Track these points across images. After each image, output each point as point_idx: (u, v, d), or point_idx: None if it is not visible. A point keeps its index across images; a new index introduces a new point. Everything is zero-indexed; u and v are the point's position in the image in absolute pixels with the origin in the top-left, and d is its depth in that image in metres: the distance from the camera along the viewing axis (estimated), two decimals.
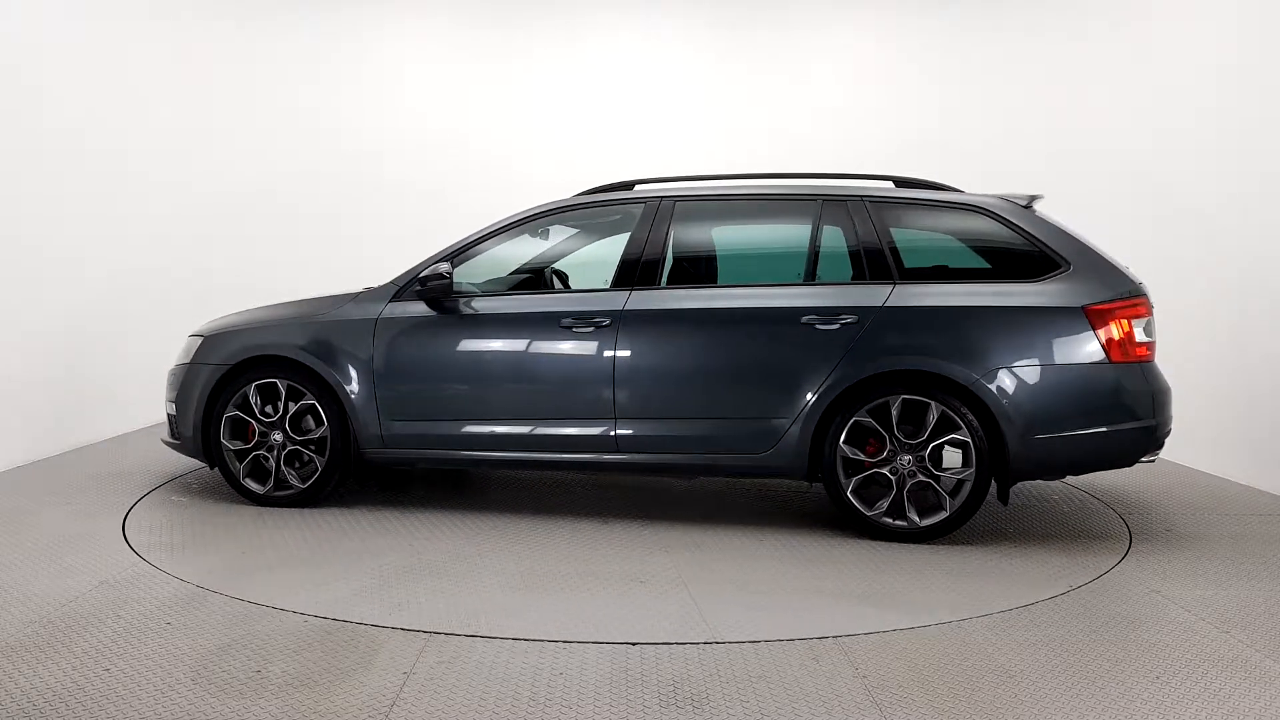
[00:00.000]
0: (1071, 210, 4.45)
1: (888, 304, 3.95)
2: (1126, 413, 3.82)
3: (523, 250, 4.68)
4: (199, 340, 4.65)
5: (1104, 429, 3.81)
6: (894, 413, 3.88)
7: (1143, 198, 6.23)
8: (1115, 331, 3.80)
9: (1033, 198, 4.14)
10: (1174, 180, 5.95)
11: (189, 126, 7.07)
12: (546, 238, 4.63)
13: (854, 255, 4.09)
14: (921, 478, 3.89)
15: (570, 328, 4.16)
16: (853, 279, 4.08)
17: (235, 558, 3.71)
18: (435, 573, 3.57)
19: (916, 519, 3.90)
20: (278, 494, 4.45)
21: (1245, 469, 5.13)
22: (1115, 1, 6.80)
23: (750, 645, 2.89)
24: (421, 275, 4.29)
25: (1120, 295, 3.85)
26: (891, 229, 4.11)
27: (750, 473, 4.25)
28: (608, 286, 4.25)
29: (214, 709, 2.45)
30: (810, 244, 4.16)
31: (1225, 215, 5.51)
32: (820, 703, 2.52)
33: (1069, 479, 4.87)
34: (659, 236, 4.25)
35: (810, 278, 4.14)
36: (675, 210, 4.30)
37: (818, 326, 3.97)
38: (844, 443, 3.94)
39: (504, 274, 4.77)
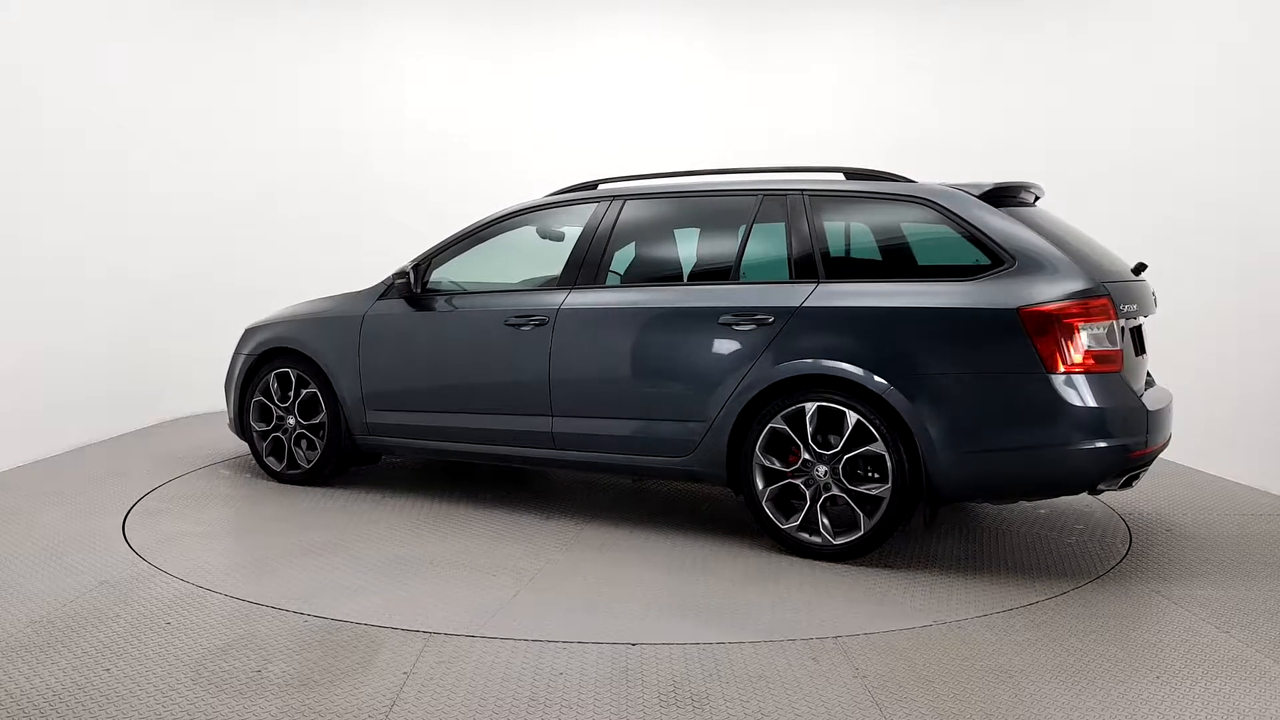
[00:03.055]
0: (1072, 210, 4.44)
1: (806, 304, 3.71)
2: (1071, 431, 3.35)
3: (514, 249, 4.71)
4: (243, 332, 5.19)
5: (1039, 448, 3.40)
6: (809, 420, 3.63)
7: (1143, 197, 6.23)
8: (1056, 337, 3.34)
9: (1005, 186, 3.79)
10: (1174, 180, 5.95)
11: (187, 126, 7.07)
12: (561, 240, 4.63)
13: (785, 252, 3.89)
14: (837, 491, 3.62)
15: (515, 325, 4.23)
16: (779, 277, 3.87)
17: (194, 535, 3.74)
18: (311, 553, 3.79)
19: (830, 536, 3.64)
20: (289, 472, 4.89)
21: (1245, 469, 5.13)
22: (1115, 1, 6.79)
23: (750, 645, 2.89)
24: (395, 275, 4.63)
25: (1066, 296, 3.39)
26: (826, 224, 3.89)
27: (674, 476, 4.09)
28: (554, 284, 4.30)
29: (214, 709, 2.45)
30: (740, 240, 4.00)
31: (1225, 215, 5.51)
32: (820, 703, 2.52)
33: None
34: (604, 235, 4.25)
35: (737, 276, 3.97)
36: (624, 209, 4.28)
37: (735, 328, 3.79)
38: (764, 450, 3.71)
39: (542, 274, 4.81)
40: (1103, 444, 3.37)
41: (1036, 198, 4.08)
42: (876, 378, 3.52)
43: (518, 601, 3.27)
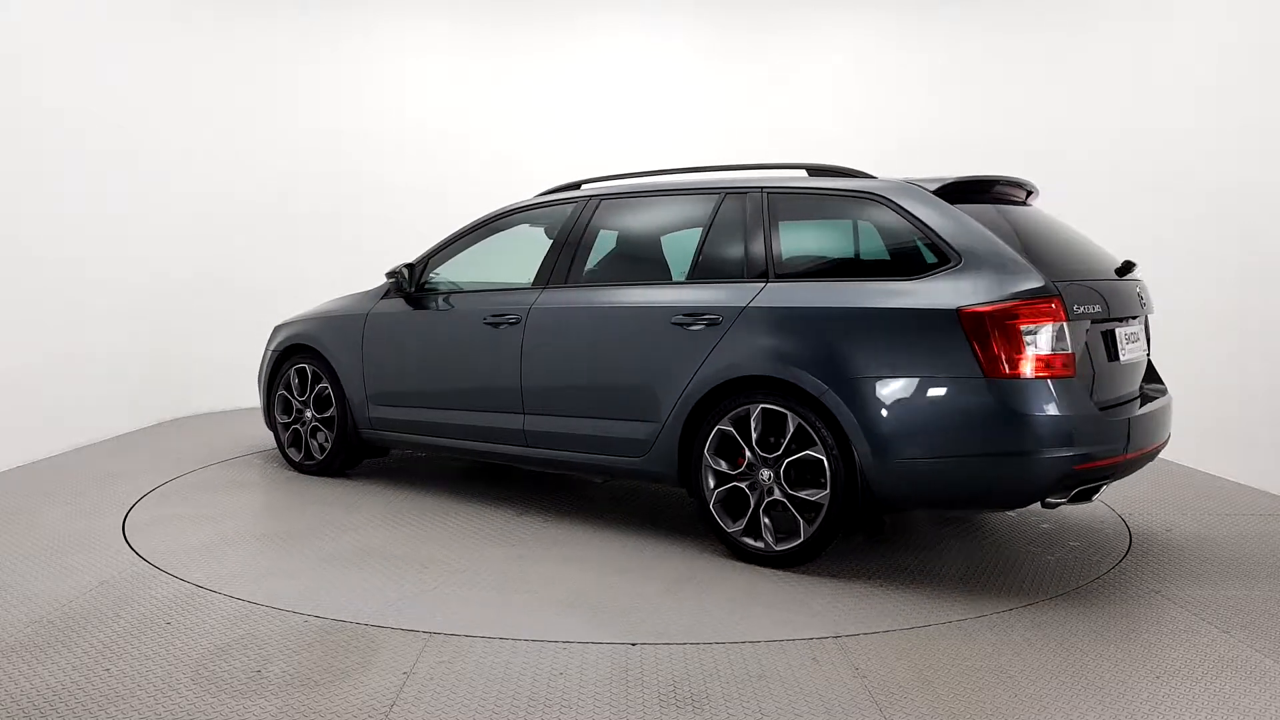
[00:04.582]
0: (1073, 210, 4.43)
1: (753, 304, 3.62)
2: (1008, 440, 3.16)
3: (512, 248, 4.77)
4: (272, 329, 5.44)
5: (975, 458, 3.21)
6: (753, 423, 3.54)
7: (1143, 197, 6.23)
8: (995, 340, 3.14)
9: (965, 181, 3.61)
10: (1174, 179, 5.95)
11: (187, 127, 7.07)
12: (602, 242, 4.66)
13: (740, 251, 3.81)
14: (779, 496, 3.52)
15: (493, 324, 4.31)
16: (732, 276, 3.78)
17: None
18: (263, 539, 4.01)
19: (771, 541, 3.55)
20: (306, 463, 5.14)
21: (1245, 469, 5.13)
22: (1116, 1, 6.79)
23: (750, 645, 2.89)
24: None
25: (1010, 296, 3.18)
26: (782, 222, 3.77)
27: (633, 476, 4.05)
28: (529, 284, 4.34)
29: (214, 709, 2.45)
30: (700, 239, 3.93)
31: (1226, 215, 5.51)
32: (820, 703, 2.51)
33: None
34: (577, 235, 4.28)
35: (693, 275, 3.90)
36: (597, 209, 4.30)
37: (686, 328, 3.74)
38: (714, 452, 3.65)
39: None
40: (1045, 455, 3.14)
41: (1029, 193, 3.95)
42: (814, 380, 3.41)
43: (424, 595, 3.32)
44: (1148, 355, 3.96)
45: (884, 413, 3.30)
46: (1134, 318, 3.71)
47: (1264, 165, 5.19)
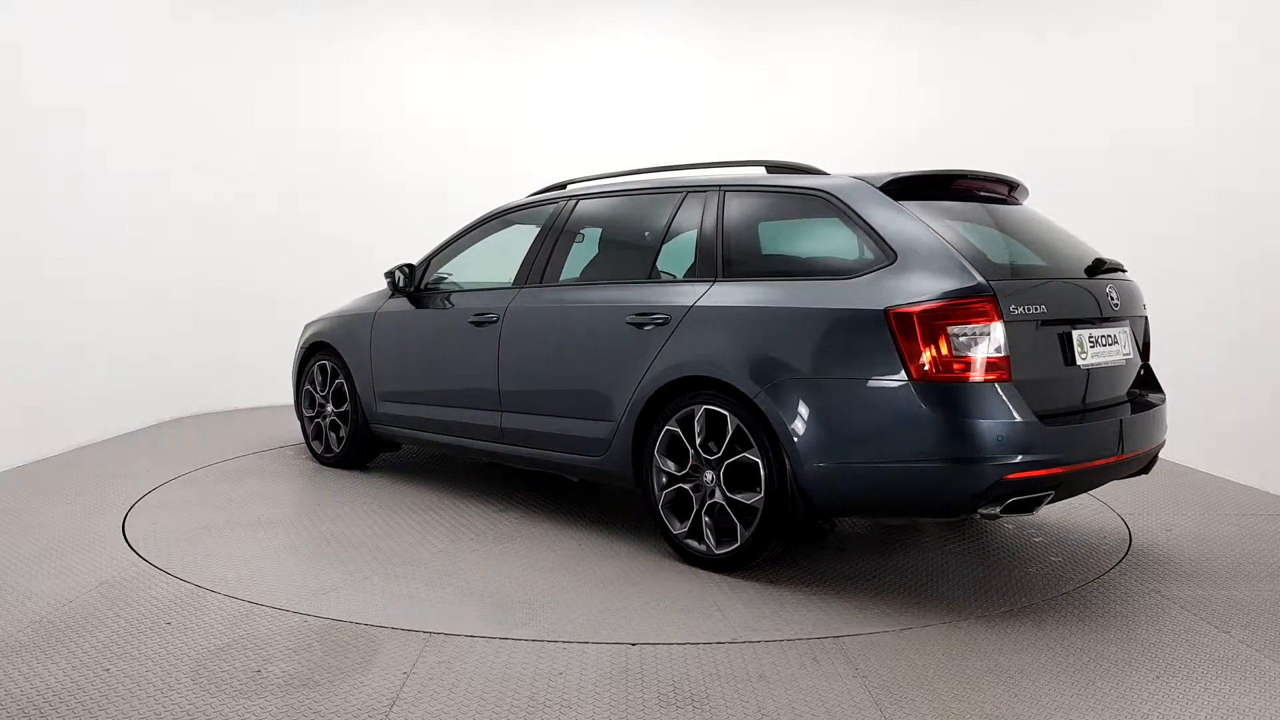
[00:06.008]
0: (1070, 209, 4.43)
1: (698, 304, 3.58)
2: (929, 446, 2.99)
3: (498, 249, 4.82)
4: (303, 327, 5.67)
5: (899, 464, 3.06)
6: (697, 424, 3.50)
7: (1142, 196, 6.23)
8: (921, 341, 3.00)
9: (916, 175, 3.47)
10: (1174, 179, 5.95)
11: (186, 127, 7.07)
12: (581, 240, 4.68)
13: (694, 250, 3.77)
14: (719, 498, 3.46)
15: (476, 324, 4.42)
16: (687, 275, 3.76)
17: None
18: (251, 529, 4.13)
19: (713, 545, 3.50)
20: (326, 456, 5.35)
21: (1245, 469, 5.13)
22: (1116, 1, 6.79)
23: (750, 645, 2.89)
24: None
25: (938, 296, 3.03)
26: (735, 220, 3.72)
27: (594, 476, 4.04)
28: (509, 284, 4.43)
29: (214, 709, 2.45)
30: (660, 238, 3.95)
31: (1225, 215, 5.50)
32: (820, 703, 2.51)
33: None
34: (554, 235, 4.34)
35: (652, 274, 3.92)
36: (575, 209, 4.35)
37: (640, 327, 3.73)
38: (664, 453, 3.62)
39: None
40: (972, 464, 2.97)
41: (1012, 188, 3.82)
42: (749, 380, 3.34)
43: (356, 583, 3.37)
44: (1137, 359, 3.72)
45: (813, 416, 3.20)
46: (1106, 320, 3.47)
47: (1264, 165, 5.18)
